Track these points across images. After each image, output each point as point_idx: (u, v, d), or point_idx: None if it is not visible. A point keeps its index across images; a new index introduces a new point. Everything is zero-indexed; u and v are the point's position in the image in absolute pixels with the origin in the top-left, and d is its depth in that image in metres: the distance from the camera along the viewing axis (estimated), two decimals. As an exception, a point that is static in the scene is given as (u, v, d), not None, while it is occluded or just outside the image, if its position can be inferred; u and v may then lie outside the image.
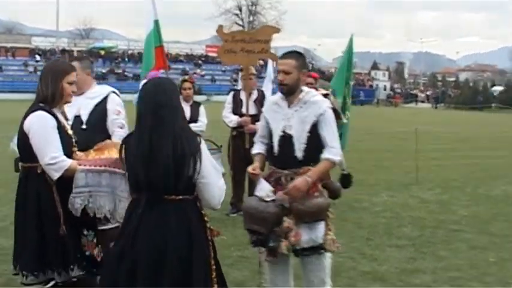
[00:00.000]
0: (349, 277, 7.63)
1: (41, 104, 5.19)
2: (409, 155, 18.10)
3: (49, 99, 5.21)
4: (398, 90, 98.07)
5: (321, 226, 5.57)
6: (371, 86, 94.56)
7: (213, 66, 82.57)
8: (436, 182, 15.68)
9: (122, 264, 4.27)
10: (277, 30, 9.25)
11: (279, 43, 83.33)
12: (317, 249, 5.59)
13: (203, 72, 79.54)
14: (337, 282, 7.40)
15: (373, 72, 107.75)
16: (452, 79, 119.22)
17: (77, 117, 6.38)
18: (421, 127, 20.63)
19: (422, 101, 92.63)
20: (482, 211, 12.09)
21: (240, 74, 12.63)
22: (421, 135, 18.78)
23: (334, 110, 5.89)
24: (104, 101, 6.51)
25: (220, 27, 9.09)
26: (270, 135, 5.78)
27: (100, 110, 6.47)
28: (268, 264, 5.86)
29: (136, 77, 73.43)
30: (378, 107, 77.15)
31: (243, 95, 10.47)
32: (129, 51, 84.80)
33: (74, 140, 5.34)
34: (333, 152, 5.58)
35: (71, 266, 5.15)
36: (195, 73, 74.35)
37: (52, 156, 4.99)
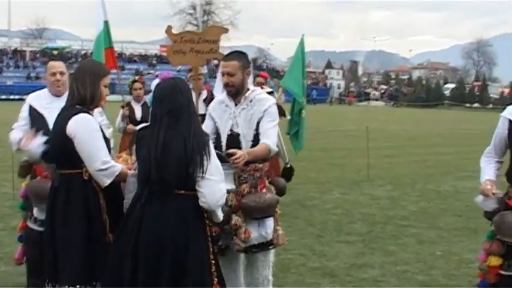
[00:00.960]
0: (299, 273, 7.73)
1: (78, 107, 4.89)
2: (362, 152, 18.28)
3: (88, 101, 4.93)
4: (353, 89, 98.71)
5: (270, 222, 5.67)
6: (325, 84, 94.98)
7: (168, 66, 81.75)
8: (387, 179, 15.93)
9: (127, 254, 4.44)
10: (225, 31, 9.29)
11: (234, 42, 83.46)
12: (266, 246, 5.68)
13: (157, 73, 79.22)
14: (286, 278, 7.54)
15: (327, 71, 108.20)
16: (406, 77, 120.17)
17: None
18: (374, 125, 20.90)
19: (376, 99, 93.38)
20: (431, 206, 12.35)
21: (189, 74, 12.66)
22: (374, 133, 19.05)
23: (279, 106, 5.96)
24: None
25: (169, 27, 9.10)
26: (216, 134, 5.84)
27: None
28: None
29: (90, 78, 72.71)
30: (331, 106, 77.61)
31: (192, 95, 10.51)
32: (83, 52, 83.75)
33: (110, 143, 5.14)
34: (270, 139, 5.66)
35: None
36: (149, 73, 73.94)
37: (104, 161, 4.74)
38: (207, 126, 5.95)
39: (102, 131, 4.91)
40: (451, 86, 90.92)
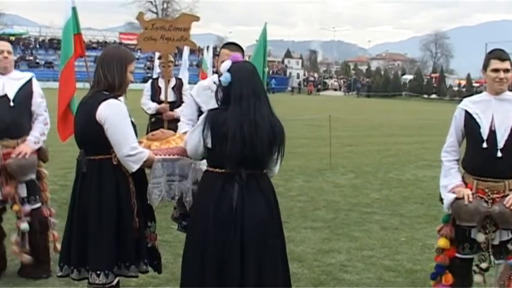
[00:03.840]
0: (268, 258, 7.84)
1: (106, 93, 4.90)
2: (324, 141, 18.50)
3: (116, 88, 4.95)
4: (312, 79, 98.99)
5: None
6: (285, 73, 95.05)
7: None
8: (349, 167, 16.11)
9: (229, 234, 4.50)
10: (197, 19, 9.39)
11: (194, 31, 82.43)
12: None
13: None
14: (256, 262, 7.64)
15: (286, 60, 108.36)
16: (365, 67, 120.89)
17: (3, 96, 6.38)
18: (335, 114, 21.06)
19: (335, 89, 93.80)
20: (393, 194, 12.57)
21: (158, 61, 12.73)
22: (335, 122, 19.22)
23: None
24: (29, 83, 6.57)
25: (141, 14, 9.19)
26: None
27: (27, 91, 6.49)
28: None
29: (49, 64, 71.95)
30: (293, 95, 77.77)
31: (161, 83, 10.61)
32: (41, 38, 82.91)
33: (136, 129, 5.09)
34: None
35: (145, 260, 5.09)
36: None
37: (132, 146, 4.78)
38: (189, 111, 6.11)
39: (130, 116, 4.94)
40: (409, 77, 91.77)
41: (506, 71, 5.42)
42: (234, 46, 6.02)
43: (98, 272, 4.84)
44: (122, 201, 4.89)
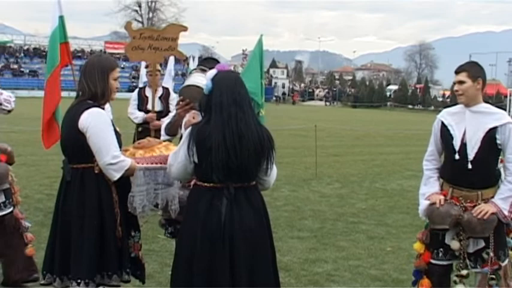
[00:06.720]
0: (255, 267, 7.85)
1: (89, 102, 4.92)
2: (309, 151, 18.52)
3: (99, 96, 4.96)
4: (297, 88, 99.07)
5: None
6: (270, 83, 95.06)
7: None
8: (335, 177, 16.16)
9: (217, 246, 4.46)
10: (185, 29, 9.39)
11: (180, 40, 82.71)
12: None
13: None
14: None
15: (272, 70, 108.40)
16: (350, 78, 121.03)
17: None
18: (320, 124, 21.10)
19: (320, 99, 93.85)
20: (379, 204, 12.64)
21: (144, 70, 12.73)
22: (320, 132, 19.26)
23: None
24: None
25: (129, 23, 9.22)
26: None
27: None
28: None
29: (33, 73, 71.76)
30: (278, 105, 77.79)
31: (148, 92, 10.62)
32: (25, 47, 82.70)
33: (121, 138, 5.07)
34: None
35: (127, 270, 5.06)
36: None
37: (114, 155, 4.76)
38: None
39: (113, 125, 4.95)
40: (394, 87, 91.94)
41: (460, 83, 5.54)
42: (207, 64, 5.91)
43: (79, 281, 4.83)
44: (104, 210, 4.89)
